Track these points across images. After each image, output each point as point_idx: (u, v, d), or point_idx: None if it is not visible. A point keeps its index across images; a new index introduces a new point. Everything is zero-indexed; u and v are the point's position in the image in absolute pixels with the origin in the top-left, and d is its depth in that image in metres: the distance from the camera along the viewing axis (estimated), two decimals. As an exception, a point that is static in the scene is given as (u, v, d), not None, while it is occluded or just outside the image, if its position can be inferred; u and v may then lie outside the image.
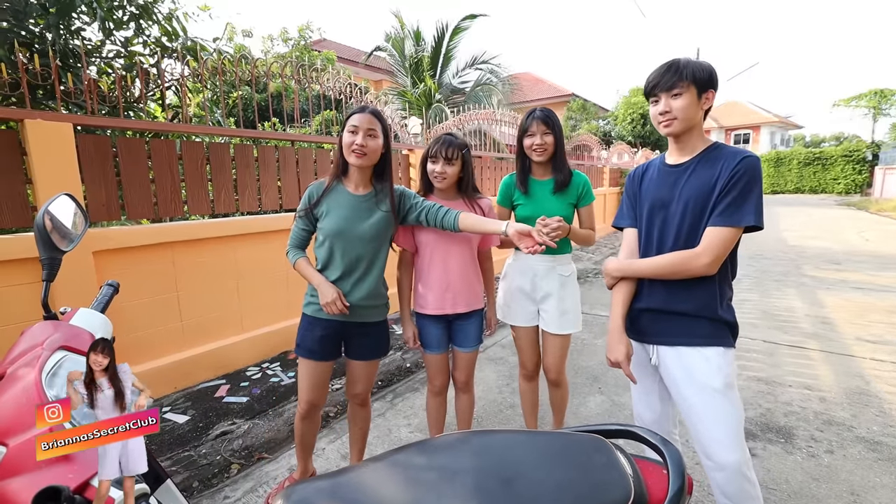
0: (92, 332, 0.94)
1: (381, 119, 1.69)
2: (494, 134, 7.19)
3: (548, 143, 1.89)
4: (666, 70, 1.34)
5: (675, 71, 1.32)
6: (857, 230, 11.16)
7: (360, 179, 1.75)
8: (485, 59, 10.77)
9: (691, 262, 1.34)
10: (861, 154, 25.40)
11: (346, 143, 1.65)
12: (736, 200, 1.30)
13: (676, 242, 1.39)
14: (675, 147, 1.45)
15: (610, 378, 3.16)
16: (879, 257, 7.61)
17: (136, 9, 3.87)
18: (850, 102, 27.21)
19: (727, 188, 1.31)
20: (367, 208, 1.73)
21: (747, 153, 1.33)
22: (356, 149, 1.63)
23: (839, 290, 5.44)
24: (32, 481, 0.62)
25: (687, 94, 1.32)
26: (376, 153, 1.69)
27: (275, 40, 11.31)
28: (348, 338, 1.83)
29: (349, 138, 1.65)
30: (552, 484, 0.83)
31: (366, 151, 1.64)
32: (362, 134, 1.63)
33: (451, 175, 1.82)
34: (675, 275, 1.38)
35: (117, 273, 2.67)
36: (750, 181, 1.30)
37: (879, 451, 2.29)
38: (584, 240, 2.01)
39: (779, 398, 2.83)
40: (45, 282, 0.92)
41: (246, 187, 3.39)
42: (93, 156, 2.63)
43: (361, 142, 1.62)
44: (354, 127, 1.64)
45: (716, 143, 1.42)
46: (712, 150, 1.39)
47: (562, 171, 1.94)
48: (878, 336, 3.90)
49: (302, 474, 2.01)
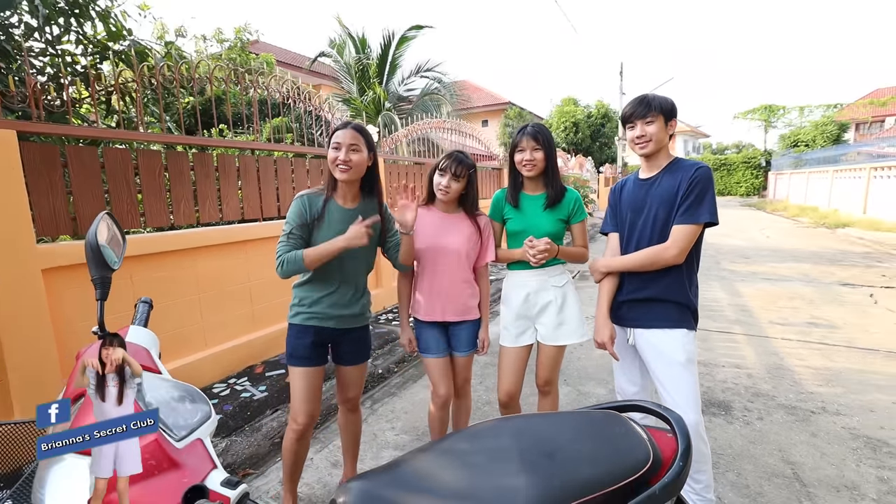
0: (145, 348, 0.95)
1: (364, 133, 1.73)
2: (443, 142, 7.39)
3: (537, 159, 1.88)
4: (639, 103, 1.64)
5: (647, 103, 1.63)
6: (758, 228, 12.73)
7: (349, 193, 1.79)
8: (429, 66, 10.97)
9: (662, 254, 1.62)
10: (757, 161, 28.96)
11: (331, 160, 1.70)
12: (694, 203, 1.59)
13: (651, 240, 1.68)
14: (645, 165, 1.75)
15: (573, 371, 3.42)
16: (778, 251, 8.78)
17: (67, 4, 3.58)
18: (746, 115, 30.83)
19: (687, 193, 1.60)
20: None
21: (700, 164, 1.64)
22: (340, 164, 1.68)
23: (752, 282, 6.23)
24: (151, 489, 0.65)
25: (657, 121, 1.62)
26: (362, 166, 1.74)
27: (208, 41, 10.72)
28: (336, 344, 1.86)
29: (333, 154, 1.69)
30: (587, 453, 0.98)
31: (350, 166, 1.69)
32: (345, 149, 1.68)
33: (454, 190, 1.90)
34: (651, 265, 1.66)
35: (69, 292, 2.48)
36: (704, 187, 1.60)
37: (796, 414, 2.73)
38: (577, 258, 1.97)
39: (716, 377, 3.24)
40: (100, 301, 0.91)
41: (206, 198, 3.27)
42: (39, 166, 2.43)
43: (345, 157, 1.67)
44: (337, 143, 1.69)
45: (676, 158, 1.71)
46: (673, 165, 1.69)
47: (554, 186, 1.94)
48: (784, 319, 4.56)
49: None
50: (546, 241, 1.79)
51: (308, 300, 1.78)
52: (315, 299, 1.78)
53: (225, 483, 0.67)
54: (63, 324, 2.46)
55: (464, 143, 7.83)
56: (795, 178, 20.30)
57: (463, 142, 7.80)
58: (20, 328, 2.26)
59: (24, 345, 2.27)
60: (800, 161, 20.89)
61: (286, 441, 1.85)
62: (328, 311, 1.78)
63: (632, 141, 1.68)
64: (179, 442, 0.73)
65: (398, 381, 3.37)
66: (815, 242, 9.85)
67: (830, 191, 15.73)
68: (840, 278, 6.31)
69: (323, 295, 1.77)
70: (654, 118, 1.62)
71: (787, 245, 9.59)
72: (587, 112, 21.50)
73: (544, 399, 2.13)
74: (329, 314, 1.78)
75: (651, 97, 1.64)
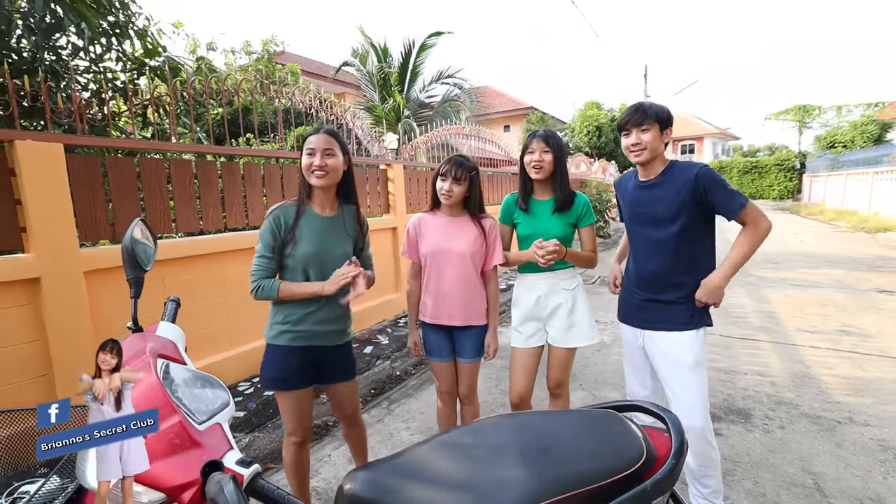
0: (173, 341, 1.04)
1: (338, 137, 1.68)
2: (462, 148, 7.47)
3: (546, 161, 1.91)
4: (635, 111, 1.68)
5: (643, 111, 1.66)
6: (791, 232, 12.27)
7: (326, 200, 1.72)
8: (450, 73, 11.12)
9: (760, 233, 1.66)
10: (791, 163, 27.88)
11: (305, 166, 1.64)
12: (725, 196, 1.63)
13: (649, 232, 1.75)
14: (642, 170, 1.80)
15: (589, 375, 3.41)
16: (811, 257, 8.46)
17: (109, 26, 3.84)
18: (778, 116, 29.79)
19: (709, 193, 1.63)
20: (337, 230, 1.72)
21: (697, 164, 1.69)
22: (315, 169, 1.62)
23: (780, 288, 6.04)
24: (175, 464, 0.73)
25: (652, 129, 1.66)
26: (337, 171, 1.67)
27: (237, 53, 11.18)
28: (323, 364, 1.76)
29: (307, 160, 1.63)
30: (584, 449, 1.01)
31: (326, 171, 1.62)
32: (320, 154, 1.62)
33: (457, 194, 1.92)
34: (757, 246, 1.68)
35: (108, 293, 2.65)
36: (715, 179, 1.64)
37: (820, 423, 2.65)
38: (585, 262, 2.01)
39: (737, 384, 3.18)
40: (134, 298, 1.01)
41: (233, 204, 3.43)
42: (82, 176, 2.62)
43: (320, 162, 1.61)
44: (311, 149, 1.63)
45: (671, 161, 1.75)
46: (670, 168, 1.73)
47: (562, 190, 1.96)
48: (814, 326, 4.40)
49: None
50: (555, 242, 1.83)
51: (293, 317, 1.67)
52: (301, 317, 1.67)
53: (239, 462, 0.74)
54: (102, 323, 2.63)
55: (484, 148, 7.89)
56: (832, 181, 19.46)
57: (483, 147, 7.85)
58: (64, 326, 2.44)
59: (68, 341, 2.45)
60: (837, 163, 20.01)
61: (288, 456, 1.79)
62: (315, 329, 1.69)
63: (627, 148, 1.72)
64: (201, 425, 0.81)
65: (415, 382, 3.43)
66: (852, 248, 9.43)
67: (871, 193, 15.01)
68: (877, 285, 6.04)
69: (309, 311, 1.67)
70: (650, 126, 1.65)
71: (820, 250, 9.22)
72: (611, 116, 21.26)
73: (555, 402, 2.16)
74: (316, 331, 1.69)
75: (647, 105, 1.67)
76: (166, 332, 1.08)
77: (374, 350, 4.00)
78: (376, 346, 4.11)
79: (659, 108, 1.68)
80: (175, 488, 0.71)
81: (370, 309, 4.70)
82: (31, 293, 2.37)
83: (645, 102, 1.70)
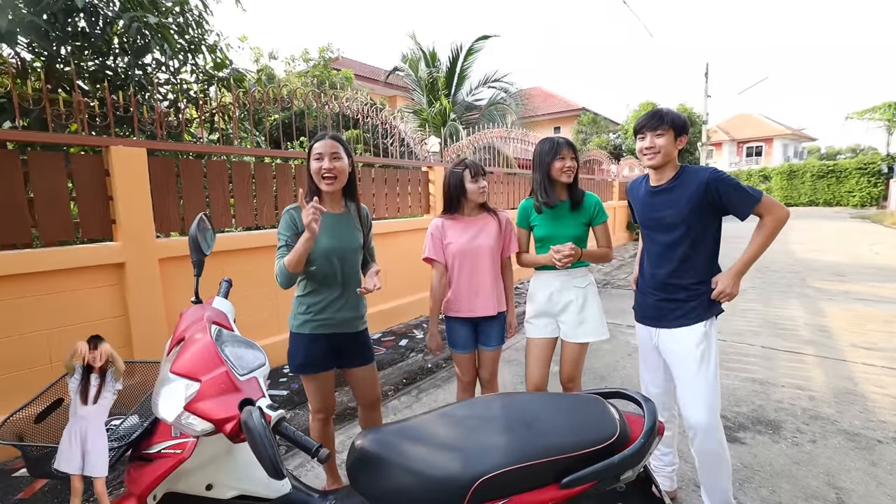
0: (225, 313, 1.29)
1: (342, 142, 1.80)
2: (507, 150, 7.57)
3: (574, 167, 2.07)
4: (651, 116, 1.76)
5: (659, 117, 1.75)
6: (868, 243, 11.23)
7: (333, 201, 1.86)
8: (496, 77, 11.23)
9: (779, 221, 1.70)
10: (877, 167, 25.25)
11: (315, 170, 1.75)
12: (738, 194, 1.69)
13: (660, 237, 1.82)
14: (653, 175, 1.87)
15: (616, 378, 3.44)
16: (886, 270, 7.75)
17: (186, 43, 4.34)
18: (863, 115, 27.09)
19: (723, 196, 1.69)
20: (349, 224, 1.87)
21: (708, 168, 1.76)
22: (325, 174, 1.73)
23: (841, 301, 5.64)
24: (221, 403, 0.95)
25: (667, 135, 1.73)
26: (344, 173, 1.79)
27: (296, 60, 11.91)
28: (343, 350, 1.89)
29: (316, 165, 1.74)
30: (561, 423, 1.15)
31: (335, 174, 1.74)
32: (328, 159, 1.72)
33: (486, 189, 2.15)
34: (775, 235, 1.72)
35: (178, 279, 3.05)
36: (727, 181, 1.70)
37: (857, 441, 2.54)
38: (601, 258, 2.17)
39: (771, 396, 3.08)
40: (196, 277, 1.27)
41: (285, 202, 3.78)
42: (160, 176, 3.04)
43: (328, 166, 1.72)
44: (319, 154, 1.73)
45: (682, 166, 1.81)
46: (681, 174, 1.79)
47: (576, 191, 2.12)
48: (872, 343, 4.11)
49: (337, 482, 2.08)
50: (570, 245, 1.97)
51: (315, 308, 1.81)
52: (323, 306, 1.81)
53: (269, 407, 0.95)
54: (171, 304, 3.03)
55: (529, 150, 7.95)
56: (924, 187, 17.50)
57: (528, 150, 7.92)
58: (143, 305, 2.85)
59: (145, 319, 2.86)
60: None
61: (315, 429, 1.97)
62: (337, 316, 1.82)
63: (640, 151, 1.80)
64: (242, 377, 1.02)
65: (444, 374, 3.61)
66: (937, 262, 8.53)
67: (968, 202, 13.39)
68: (959, 303, 5.48)
69: (330, 301, 1.81)
70: (665, 131, 1.72)
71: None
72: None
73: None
74: (338, 319, 1.83)
75: (665, 111, 1.75)
76: (220, 305, 1.33)
77: (409, 343, 4.23)
78: (411, 339, 4.34)
79: (675, 115, 1.76)
80: (220, 420, 0.93)
81: (407, 304, 4.94)
82: (118, 276, 2.79)
83: (662, 109, 1.78)
